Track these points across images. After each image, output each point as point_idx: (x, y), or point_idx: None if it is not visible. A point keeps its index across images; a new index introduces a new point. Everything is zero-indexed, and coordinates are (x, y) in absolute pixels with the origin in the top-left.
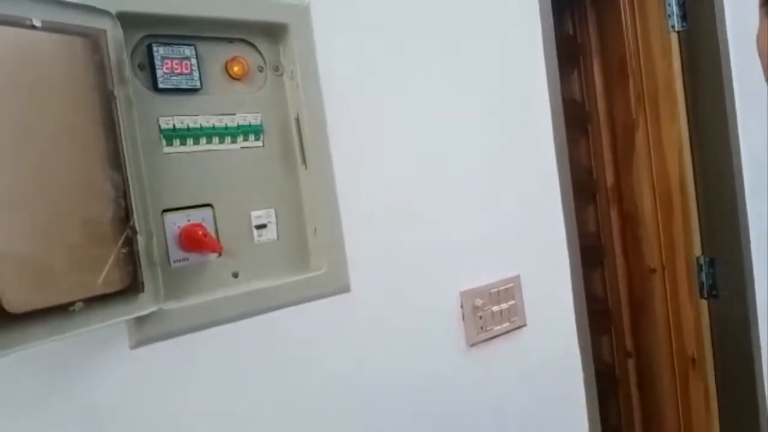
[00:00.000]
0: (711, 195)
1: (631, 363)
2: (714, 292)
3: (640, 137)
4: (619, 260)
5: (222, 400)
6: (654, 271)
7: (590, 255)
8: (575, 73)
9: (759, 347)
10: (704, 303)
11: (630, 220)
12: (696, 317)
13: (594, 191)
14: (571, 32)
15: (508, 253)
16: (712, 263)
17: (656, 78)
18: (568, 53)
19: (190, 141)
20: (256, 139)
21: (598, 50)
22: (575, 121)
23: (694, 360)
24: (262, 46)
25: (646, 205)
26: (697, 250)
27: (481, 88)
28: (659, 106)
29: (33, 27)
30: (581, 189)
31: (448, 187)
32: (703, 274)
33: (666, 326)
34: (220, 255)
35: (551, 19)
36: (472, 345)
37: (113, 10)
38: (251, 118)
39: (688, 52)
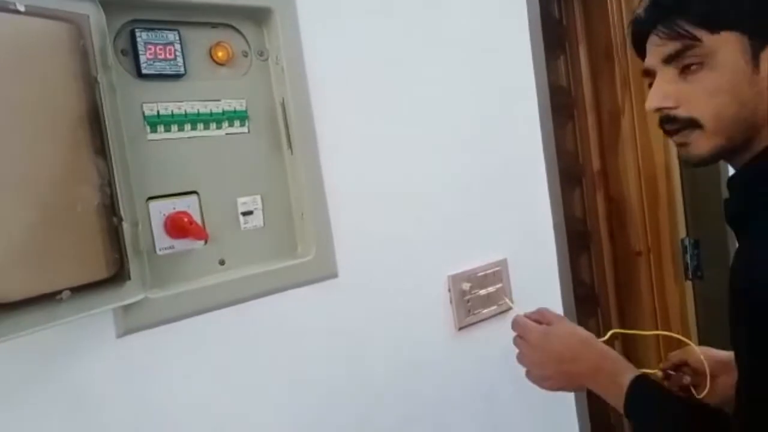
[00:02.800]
0: (695, 177)
1: (617, 345)
2: (699, 274)
3: (626, 122)
4: (605, 244)
5: (209, 386)
6: (639, 253)
7: (577, 239)
8: (561, 58)
9: None
10: (689, 284)
11: (616, 204)
12: (681, 298)
13: (580, 176)
14: (557, 17)
15: (495, 237)
16: (696, 245)
17: (642, 63)
18: (554, 38)
19: (174, 127)
20: (242, 125)
21: (584, 35)
22: (561, 106)
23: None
24: (247, 30)
25: (632, 189)
26: (682, 232)
27: (466, 73)
28: (645, 90)
29: (17, 11)
30: (568, 174)
31: (434, 171)
32: (688, 256)
33: (652, 308)
34: (206, 242)
35: (537, 4)
36: (461, 328)
37: None
38: (236, 104)
39: None
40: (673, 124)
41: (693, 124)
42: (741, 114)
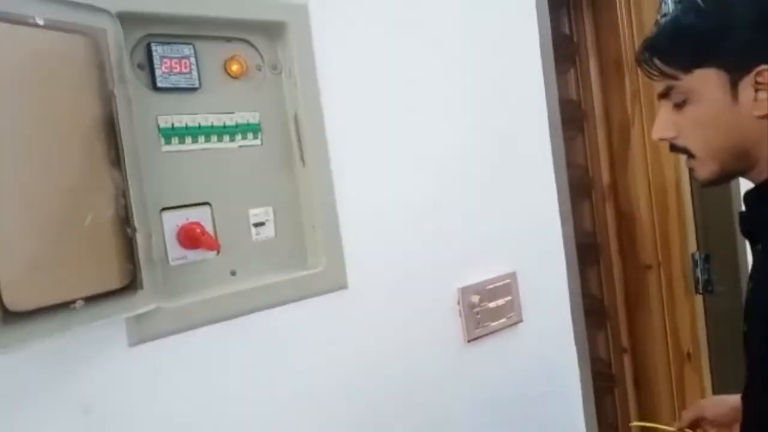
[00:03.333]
0: (706, 191)
1: (627, 359)
2: (709, 288)
3: (635, 135)
4: (615, 257)
5: (219, 396)
6: (649, 267)
7: (586, 253)
8: (571, 71)
9: None
10: (699, 299)
11: (626, 218)
12: (691, 313)
13: (590, 189)
14: (567, 31)
15: (505, 250)
16: (707, 259)
17: None
18: (564, 52)
19: (188, 140)
20: (255, 138)
21: (595, 49)
22: (571, 119)
23: (689, 355)
24: (261, 44)
25: (642, 202)
26: (692, 247)
27: (478, 87)
28: (655, 103)
29: (36, 25)
30: (577, 187)
31: (445, 183)
32: (698, 270)
33: (661, 322)
34: (218, 253)
35: (548, 18)
36: (470, 341)
37: (113, 9)
38: (249, 117)
39: None
40: (677, 152)
41: (688, 153)
42: (728, 142)
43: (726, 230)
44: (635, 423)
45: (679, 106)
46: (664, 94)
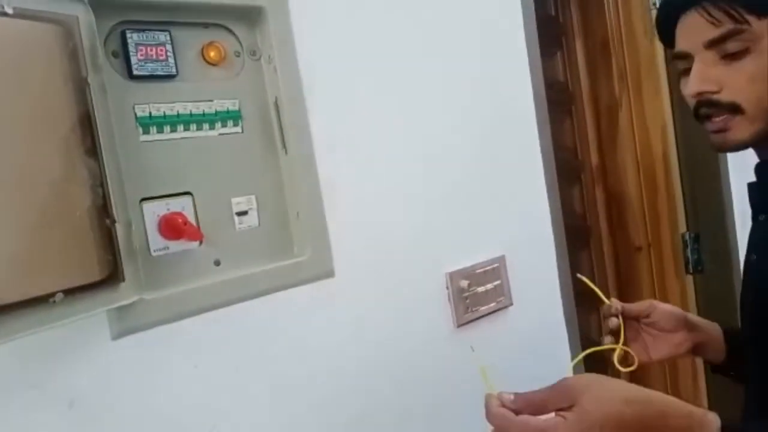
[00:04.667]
0: (695, 171)
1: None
2: (700, 268)
3: (623, 116)
4: (606, 239)
5: (205, 387)
6: (640, 248)
7: (577, 235)
8: (558, 54)
9: None
10: (690, 278)
11: (615, 199)
12: (682, 293)
13: (579, 172)
14: (552, 12)
15: (493, 234)
16: (697, 239)
17: (639, 56)
18: (550, 34)
19: (167, 128)
20: (235, 125)
21: (581, 30)
22: (559, 102)
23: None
24: (239, 30)
25: (631, 183)
26: (682, 227)
27: (462, 71)
28: (642, 84)
29: (4, 14)
30: (566, 170)
31: (430, 168)
32: (689, 250)
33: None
34: (201, 243)
35: (533, 0)
36: (460, 326)
37: None
38: (229, 104)
39: None
40: (712, 109)
41: (735, 109)
42: None
43: (715, 209)
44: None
45: (732, 56)
46: (717, 42)
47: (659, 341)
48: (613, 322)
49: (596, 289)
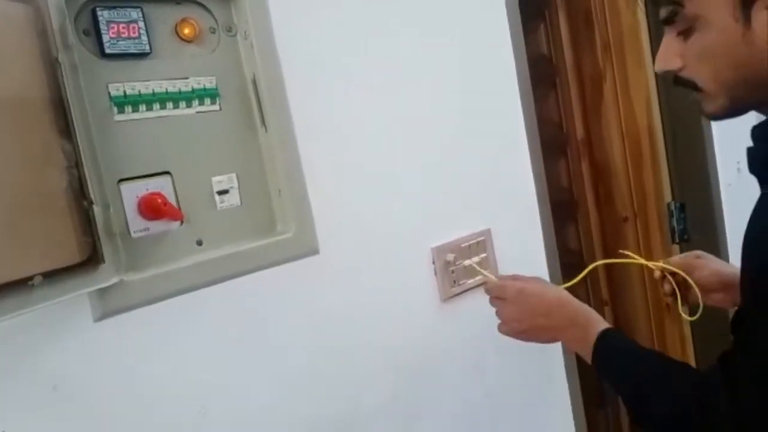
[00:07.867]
0: (680, 140)
1: (607, 311)
2: (686, 237)
3: (608, 87)
4: (592, 211)
5: (189, 368)
6: (626, 219)
7: (564, 209)
8: (541, 26)
9: None
10: (676, 248)
11: (601, 171)
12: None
13: (565, 145)
14: None
15: (478, 207)
16: (682, 208)
17: (622, 27)
18: (532, 7)
19: (142, 107)
20: (212, 103)
21: (563, 2)
22: (544, 75)
23: (668, 305)
24: (213, 5)
25: (616, 154)
26: (668, 196)
27: (444, 45)
28: (626, 55)
29: None
30: (552, 143)
31: (414, 143)
32: (674, 220)
33: (640, 274)
34: (182, 223)
35: None
36: (446, 300)
37: None
38: (206, 82)
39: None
40: (680, 85)
41: (695, 86)
42: (739, 74)
43: (700, 178)
44: (598, 263)
45: (684, 34)
46: (669, 20)
47: (703, 295)
48: (666, 287)
49: (641, 260)
